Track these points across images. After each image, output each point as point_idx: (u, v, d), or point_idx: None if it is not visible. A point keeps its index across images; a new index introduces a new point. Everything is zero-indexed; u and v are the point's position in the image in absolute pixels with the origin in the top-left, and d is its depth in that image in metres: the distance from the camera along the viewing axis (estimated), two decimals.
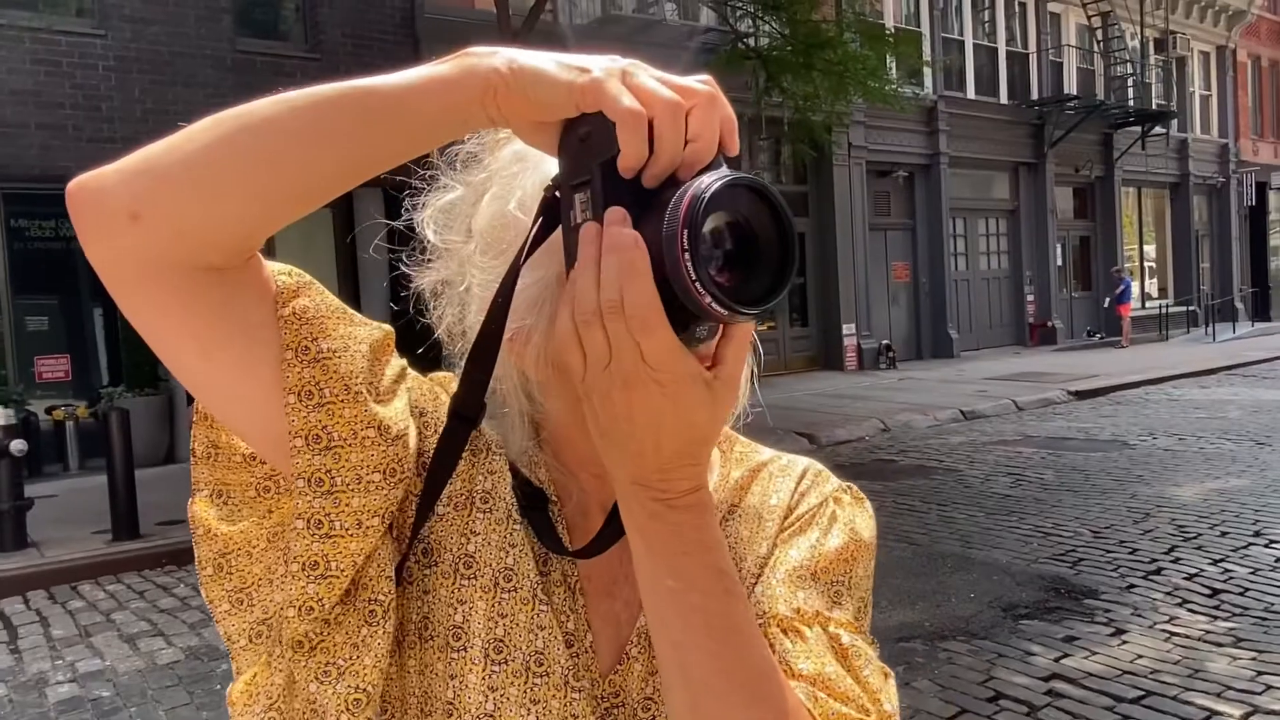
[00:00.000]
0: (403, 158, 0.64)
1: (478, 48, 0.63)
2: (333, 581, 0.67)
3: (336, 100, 0.61)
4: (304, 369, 0.67)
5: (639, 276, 0.57)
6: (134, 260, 0.61)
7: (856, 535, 0.83)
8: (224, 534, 0.72)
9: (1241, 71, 26.41)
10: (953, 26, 19.70)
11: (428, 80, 0.62)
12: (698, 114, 0.60)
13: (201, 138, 0.61)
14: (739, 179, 0.57)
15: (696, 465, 0.64)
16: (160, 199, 0.60)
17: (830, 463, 3.57)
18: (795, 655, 0.73)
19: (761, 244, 0.58)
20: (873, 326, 17.92)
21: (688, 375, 0.60)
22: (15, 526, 6.82)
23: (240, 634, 0.72)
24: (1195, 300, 24.17)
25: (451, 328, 0.81)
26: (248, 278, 0.66)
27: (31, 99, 9.89)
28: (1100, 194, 22.85)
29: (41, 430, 9.91)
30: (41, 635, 5.36)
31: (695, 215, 0.55)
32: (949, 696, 3.99)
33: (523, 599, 0.75)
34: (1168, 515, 6.75)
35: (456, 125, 0.64)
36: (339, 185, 0.64)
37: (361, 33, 11.82)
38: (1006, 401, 12.65)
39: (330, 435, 0.67)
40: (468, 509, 0.78)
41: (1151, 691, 3.95)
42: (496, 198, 0.76)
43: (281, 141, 0.61)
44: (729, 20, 11.85)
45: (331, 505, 0.67)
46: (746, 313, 0.57)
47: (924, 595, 5.27)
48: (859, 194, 17.45)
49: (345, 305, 0.73)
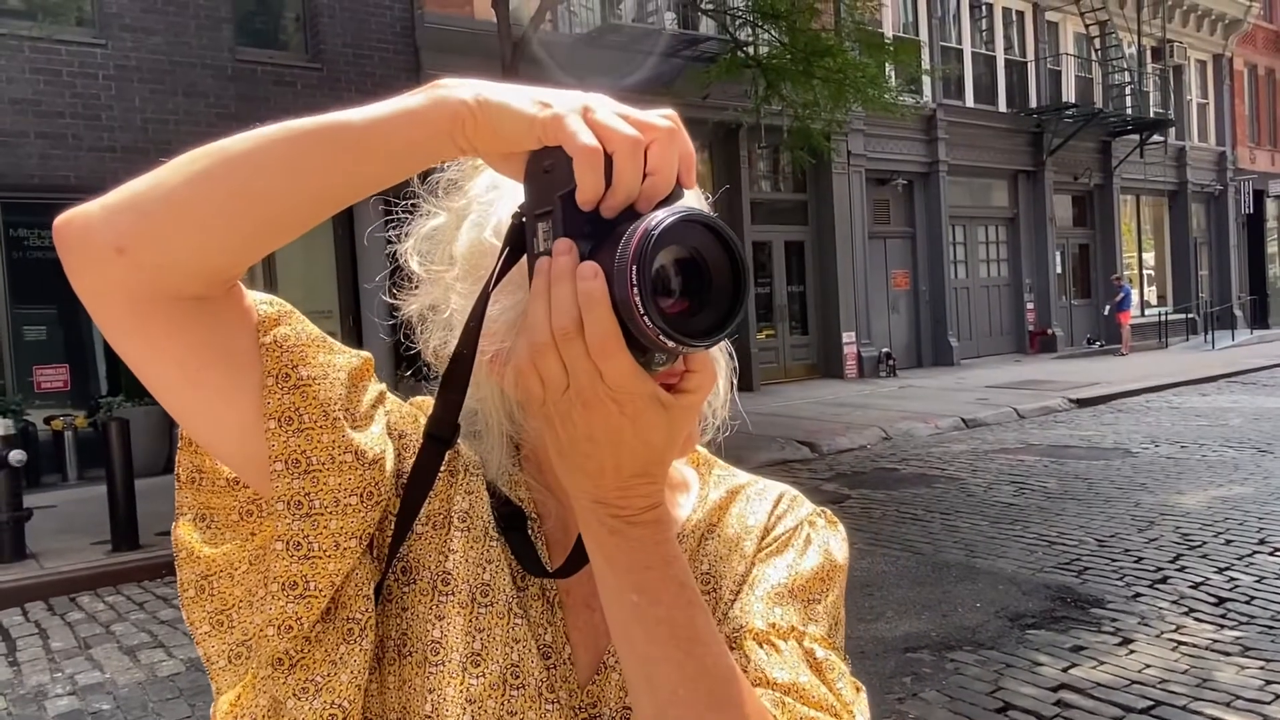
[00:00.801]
0: (376, 187, 0.66)
1: (448, 80, 0.65)
2: (311, 601, 0.70)
3: (310, 134, 0.64)
4: (284, 395, 0.70)
5: (597, 305, 0.59)
6: (120, 292, 0.64)
7: (831, 557, 0.86)
8: (206, 556, 0.74)
9: (1238, 80, 26.48)
10: (951, 35, 19.74)
11: (398, 114, 0.64)
12: (656, 149, 0.61)
13: (181, 173, 0.63)
14: (690, 215, 0.59)
15: (654, 483, 0.67)
16: (144, 234, 0.62)
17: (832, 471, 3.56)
18: (770, 665, 0.76)
19: (713, 277, 0.60)
20: (873, 334, 17.91)
21: (645, 395, 0.62)
22: (14, 537, 6.78)
23: (220, 655, 0.74)
24: (1194, 308, 24.21)
25: (438, 352, 0.82)
26: (230, 306, 0.69)
27: (31, 108, 9.88)
28: (1099, 202, 22.88)
29: (40, 440, 9.87)
30: (40, 647, 5.32)
31: (645, 250, 0.57)
32: (957, 708, 3.97)
33: (499, 613, 0.77)
34: (1172, 523, 6.72)
35: (427, 156, 0.66)
36: (316, 215, 0.66)
37: (362, 42, 11.83)
38: (1008, 409, 12.63)
39: (309, 459, 0.70)
40: (445, 528, 0.80)
41: (1160, 701, 3.92)
42: (474, 224, 0.78)
43: (258, 175, 0.63)
44: (728, 29, 11.86)
45: (310, 527, 0.70)
46: (696, 344, 0.59)
47: (930, 605, 5.24)
48: (858, 202, 17.45)
49: (324, 334, 0.76)
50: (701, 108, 13.14)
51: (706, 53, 13.39)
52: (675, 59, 13.58)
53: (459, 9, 12.59)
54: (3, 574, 6.45)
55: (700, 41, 13.67)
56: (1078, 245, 22.94)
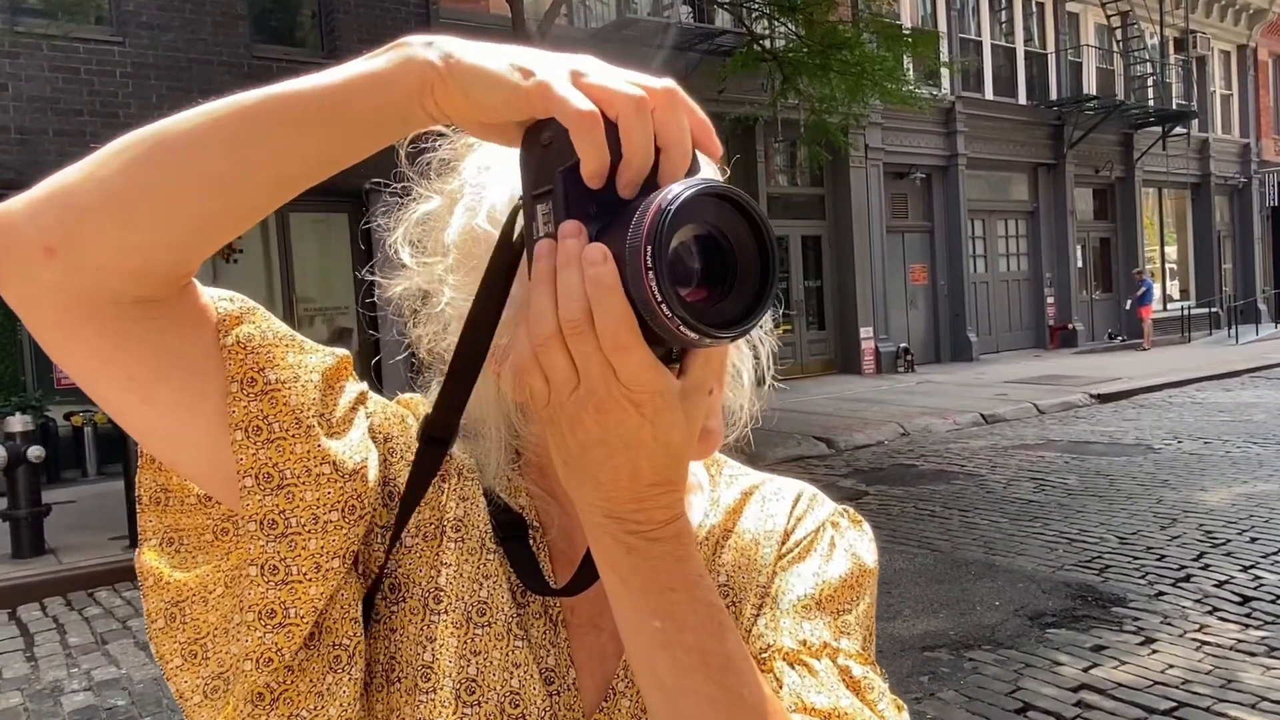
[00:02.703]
0: (340, 164, 0.59)
1: (412, 37, 0.58)
2: (292, 630, 0.63)
3: (261, 106, 0.57)
4: (251, 402, 0.63)
5: (609, 292, 0.52)
6: (53, 298, 0.56)
7: (859, 562, 0.79)
8: (177, 582, 0.66)
9: (1263, 71, 26.12)
10: (970, 27, 19.57)
11: (359, 77, 0.57)
12: (663, 113, 0.54)
13: (117, 160, 0.56)
14: (710, 187, 0.52)
15: (674, 492, 0.59)
16: (75, 230, 0.55)
17: (849, 468, 3.50)
18: (805, 689, 0.70)
19: (738, 259, 0.53)
20: (890, 329, 17.80)
21: (666, 392, 0.55)
22: (33, 533, 6.82)
23: (194, 690, 0.66)
24: (1217, 302, 23.96)
25: (432, 346, 0.76)
26: (183, 307, 0.62)
27: (49, 106, 9.94)
28: (1120, 195, 22.64)
29: (60, 436, 9.96)
30: (58, 643, 5.34)
31: (661, 228, 0.50)
32: (976, 708, 3.91)
33: (497, 635, 0.71)
34: (1195, 521, 6.63)
35: (395, 125, 0.59)
36: (273, 200, 0.59)
37: (377, 38, 11.55)
38: (1027, 405, 12.51)
39: (282, 473, 0.63)
40: (438, 539, 0.73)
41: (1184, 703, 3.86)
42: (467, 209, 0.72)
43: (204, 157, 0.56)
44: (745, 22, 11.79)
45: (287, 549, 0.63)
46: (720, 336, 0.52)
47: (948, 603, 5.18)
48: (876, 196, 17.34)
49: (294, 331, 0.69)
50: (717, 102, 13.07)
51: (722, 46, 13.33)
52: (691, 53, 13.52)
53: (474, 3, 12.59)
54: (22, 569, 6.50)
55: (716, 35, 13.61)
56: (1099, 239, 22.72)
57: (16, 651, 5.23)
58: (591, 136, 0.52)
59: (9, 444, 6.79)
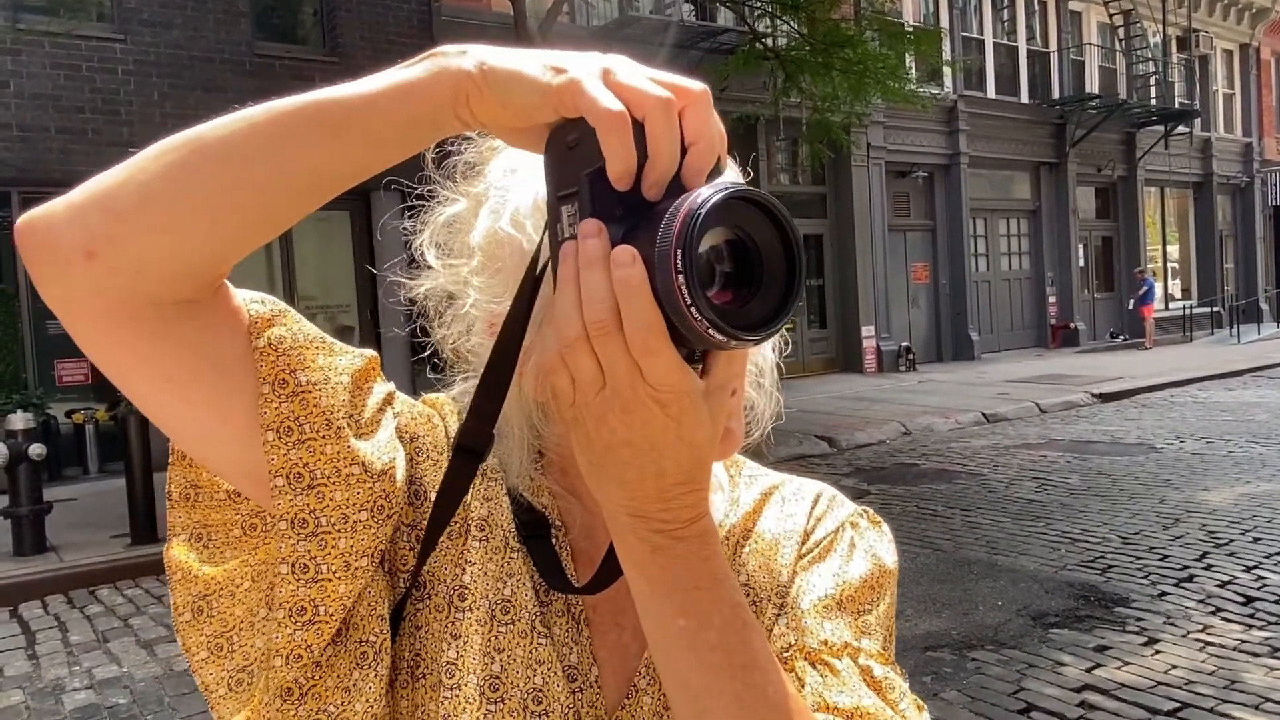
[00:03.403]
0: (374, 169, 0.61)
1: (447, 47, 0.59)
2: (321, 627, 0.65)
3: (298, 113, 0.58)
4: (282, 404, 0.65)
5: (638, 295, 0.52)
6: (93, 301, 0.58)
7: (879, 562, 0.80)
8: (205, 576, 0.69)
9: (1265, 70, 26.07)
10: (972, 25, 19.54)
11: (395, 87, 0.58)
12: (693, 114, 0.55)
13: (156, 164, 0.58)
14: (739, 191, 0.52)
15: (699, 491, 0.60)
16: (116, 234, 0.57)
17: (851, 466, 3.49)
18: (828, 689, 0.71)
19: (765, 263, 0.54)
20: (892, 328, 17.79)
21: (691, 392, 0.56)
22: (34, 531, 6.82)
23: (219, 682, 0.69)
24: (1219, 301, 23.91)
25: (457, 346, 0.77)
26: (217, 309, 0.64)
27: (51, 103, 9.94)
28: (1123, 194, 22.61)
29: (61, 434, 9.95)
30: (59, 640, 5.34)
31: (690, 232, 0.50)
32: (979, 708, 3.90)
33: (520, 632, 0.72)
34: (1198, 521, 6.62)
35: (428, 132, 0.60)
36: (308, 204, 0.61)
37: (379, 35, 11.82)
38: (1029, 404, 12.50)
39: (312, 473, 0.65)
40: (462, 537, 0.74)
41: (1187, 703, 3.85)
42: (491, 212, 0.73)
43: (242, 163, 0.57)
44: (747, 20, 11.77)
45: (317, 548, 0.65)
46: (747, 339, 0.53)
47: (950, 603, 5.17)
48: (878, 195, 17.32)
49: (324, 334, 0.70)
50: (719, 100, 12.92)
51: (724, 45, 13.31)
52: (693, 51, 13.51)
53: (475, 1, 12.57)
54: (23, 567, 6.50)
55: (718, 33, 13.59)
56: (1101, 238, 22.68)
57: (18, 649, 5.23)
58: (619, 137, 0.53)
59: (10, 442, 6.79)
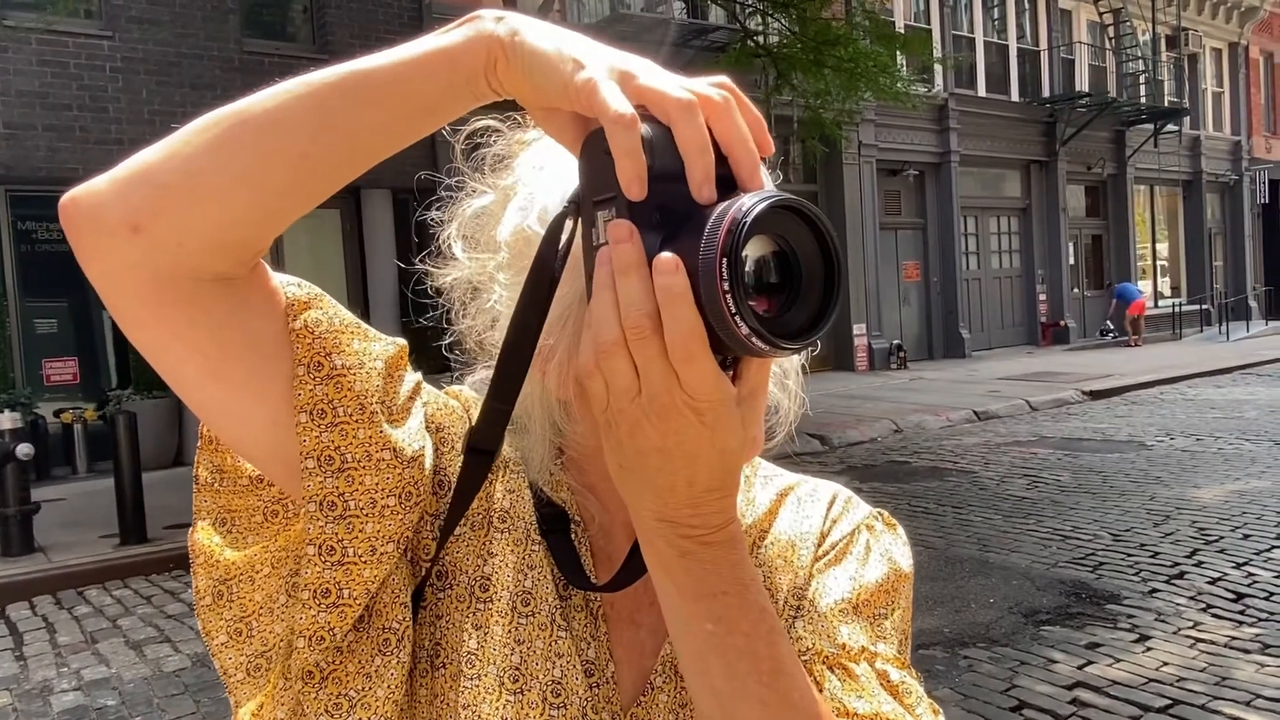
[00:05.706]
0: (410, 138, 0.61)
1: (485, 11, 0.59)
2: (345, 610, 0.65)
3: (336, 86, 0.58)
4: (316, 386, 0.65)
5: (680, 303, 0.52)
6: (136, 275, 0.59)
7: (895, 566, 0.80)
8: (227, 561, 0.69)
9: (1254, 68, 26.18)
10: (963, 24, 19.58)
11: (431, 54, 0.58)
12: (719, 124, 0.55)
13: (199, 138, 0.58)
14: (782, 200, 0.52)
15: (728, 496, 0.60)
16: (161, 208, 0.57)
17: (842, 464, 3.48)
18: (846, 694, 0.71)
19: (805, 272, 0.54)
20: (883, 326, 17.81)
21: (727, 400, 0.56)
22: (22, 531, 6.77)
23: (238, 667, 0.70)
24: (1208, 299, 24.00)
25: (481, 339, 0.77)
26: (255, 288, 0.64)
27: (38, 101, 9.87)
28: (1112, 192, 22.69)
29: (49, 433, 9.88)
30: (47, 641, 5.31)
31: (736, 242, 0.50)
32: (971, 706, 3.90)
33: (540, 625, 0.72)
34: (1188, 518, 6.64)
35: (466, 99, 0.60)
36: (346, 174, 0.61)
37: (369, 33, 11.77)
38: (1020, 402, 12.53)
39: (343, 457, 0.65)
40: (485, 529, 0.74)
41: (1178, 700, 3.86)
42: (519, 208, 0.73)
43: (283, 135, 0.58)
44: (738, 18, 11.76)
45: (344, 531, 0.64)
46: (787, 347, 0.53)
47: (942, 600, 5.18)
48: (869, 193, 17.34)
49: (359, 319, 0.70)
50: None
51: (716, 42, 13.30)
52: (685, 49, 13.49)
53: None
54: (10, 567, 6.44)
55: (710, 31, 13.58)
56: (1091, 236, 22.76)
57: (5, 650, 5.19)
58: (626, 139, 0.52)
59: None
